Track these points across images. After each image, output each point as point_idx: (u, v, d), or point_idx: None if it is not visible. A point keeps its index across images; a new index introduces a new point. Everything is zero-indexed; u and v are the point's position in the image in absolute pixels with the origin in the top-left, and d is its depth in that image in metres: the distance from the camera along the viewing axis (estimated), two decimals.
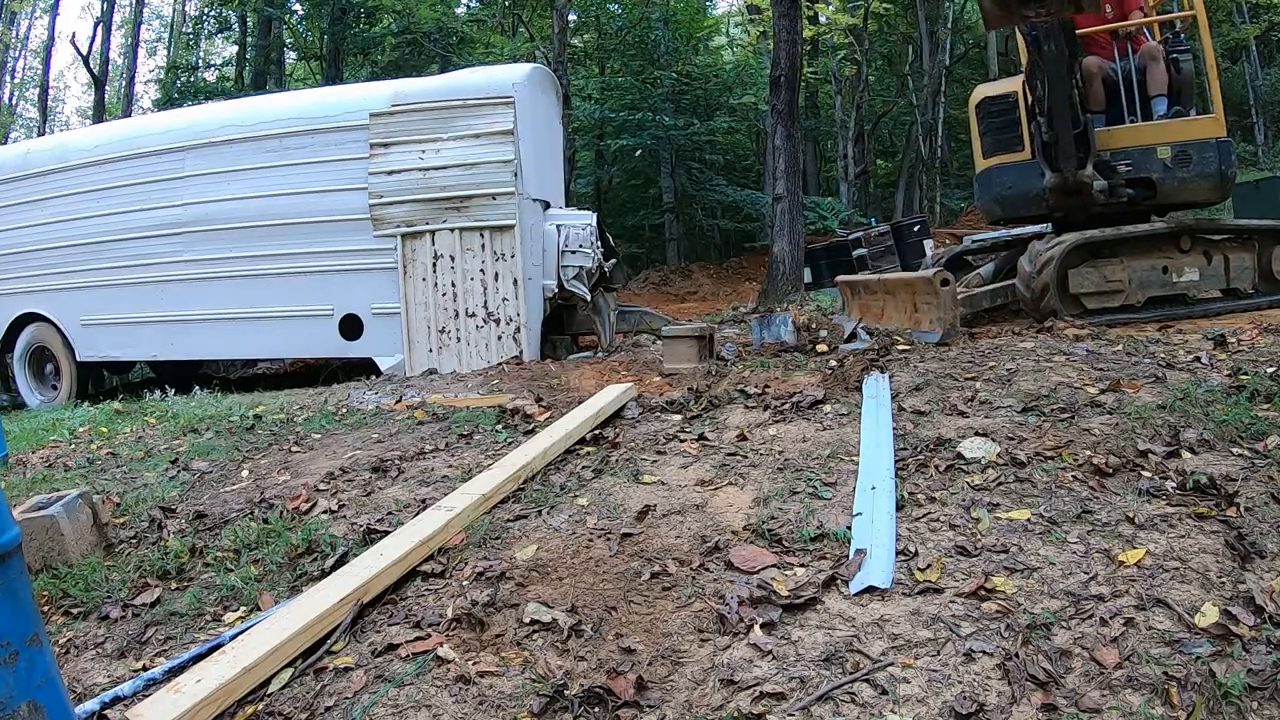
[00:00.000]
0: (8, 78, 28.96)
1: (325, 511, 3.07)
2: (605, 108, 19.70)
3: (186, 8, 27.33)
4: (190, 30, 26.34)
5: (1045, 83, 5.31)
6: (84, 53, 21.58)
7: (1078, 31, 5.79)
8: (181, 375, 7.96)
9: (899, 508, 2.50)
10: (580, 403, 4.00)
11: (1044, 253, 5.42)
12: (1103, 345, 4.08)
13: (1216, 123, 5.57)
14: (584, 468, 3.18)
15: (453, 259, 6.68)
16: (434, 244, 6.69)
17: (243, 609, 2.43)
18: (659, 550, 2.42)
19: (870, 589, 2.08)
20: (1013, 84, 6.16)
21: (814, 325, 6.25)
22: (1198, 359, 3.63)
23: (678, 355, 5.49)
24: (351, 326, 6.93)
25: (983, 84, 5.97)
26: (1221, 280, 5.60)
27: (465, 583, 2.34)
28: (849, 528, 2.40)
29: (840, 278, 7.64)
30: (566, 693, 1.80)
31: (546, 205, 7.27)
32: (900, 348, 4.61)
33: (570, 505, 2.81)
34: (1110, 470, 2.55)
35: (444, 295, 6.71)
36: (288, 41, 20.79)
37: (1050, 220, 6.37)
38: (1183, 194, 5.64)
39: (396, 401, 5.03)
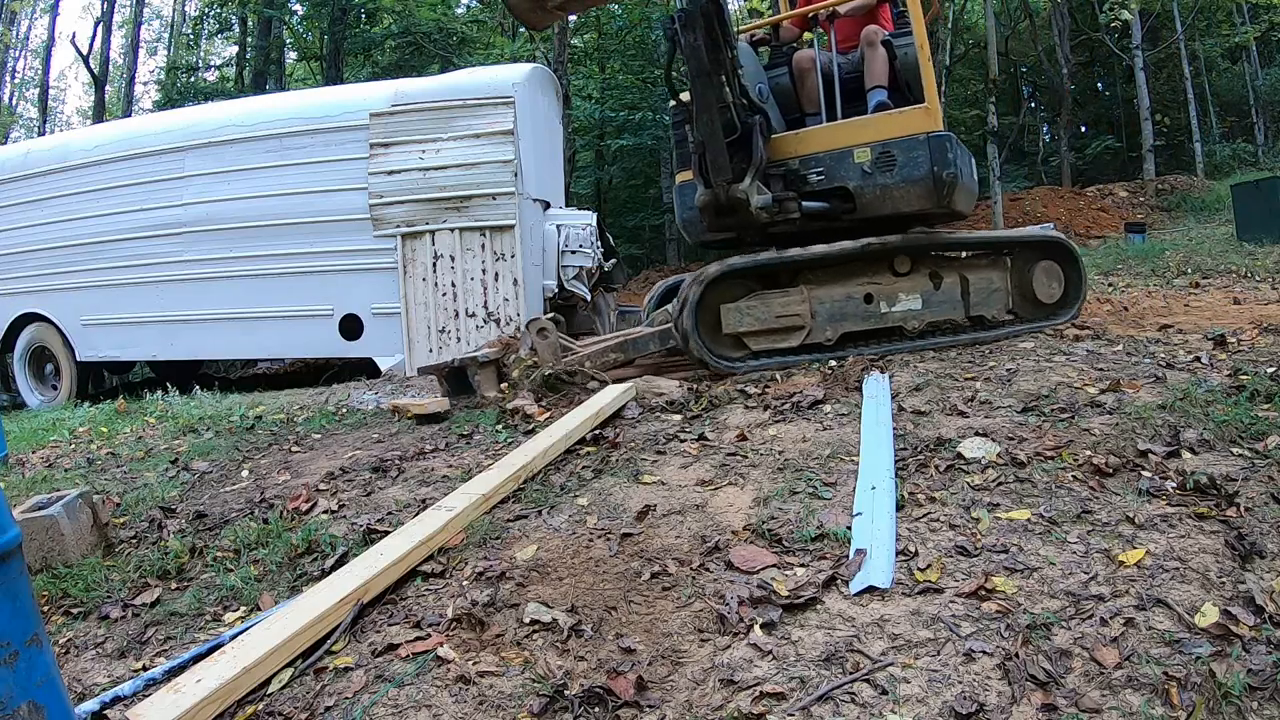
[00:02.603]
0: (8, 78, 28.96)
1: (325, 511, 3.07)
2: (605, 108, 19.71)
3: (186, 8, 27.37)
4: (190, 30, 26.37)
5: (691, 81, 4.33)
6: (84, 53, 21.59)
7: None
8: (181, 375, 7.97)
9: (899, 508, 2.50)
10: (580, 403, 4.00)
11: (690, 281, 4.51)
12: (1103, 345, 4.09)
13: (928, 114, 4.40)
14: (584, 468, 3.18)
15: (453, 259, 6.68)
16: (434, 244, 6.70)
17: (243, 609, 2.43)
18: (659, 550, 2.42)
19: (870, 589, 2.08)
20: None
21: None
22: (1198, 359, 3.63)
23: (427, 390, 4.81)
24: (351, 326, 6.94)
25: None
26: (957, 307, 4.57)
27: (465, 583, 2.34)
28: (849, 528, 2.40)
29: None
30: (566, 693, 1.80)
31: (546, 205, 7.27)
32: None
33: (570, 505, 2.81)
34: (1110, 470, 2.55)
35: (444, 295, 6.71)
36: (288, 42, 20.80)
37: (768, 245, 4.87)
38: (887, 204, 4.45)
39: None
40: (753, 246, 4.79)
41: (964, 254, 4.83)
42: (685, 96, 4.55)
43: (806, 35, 5.30)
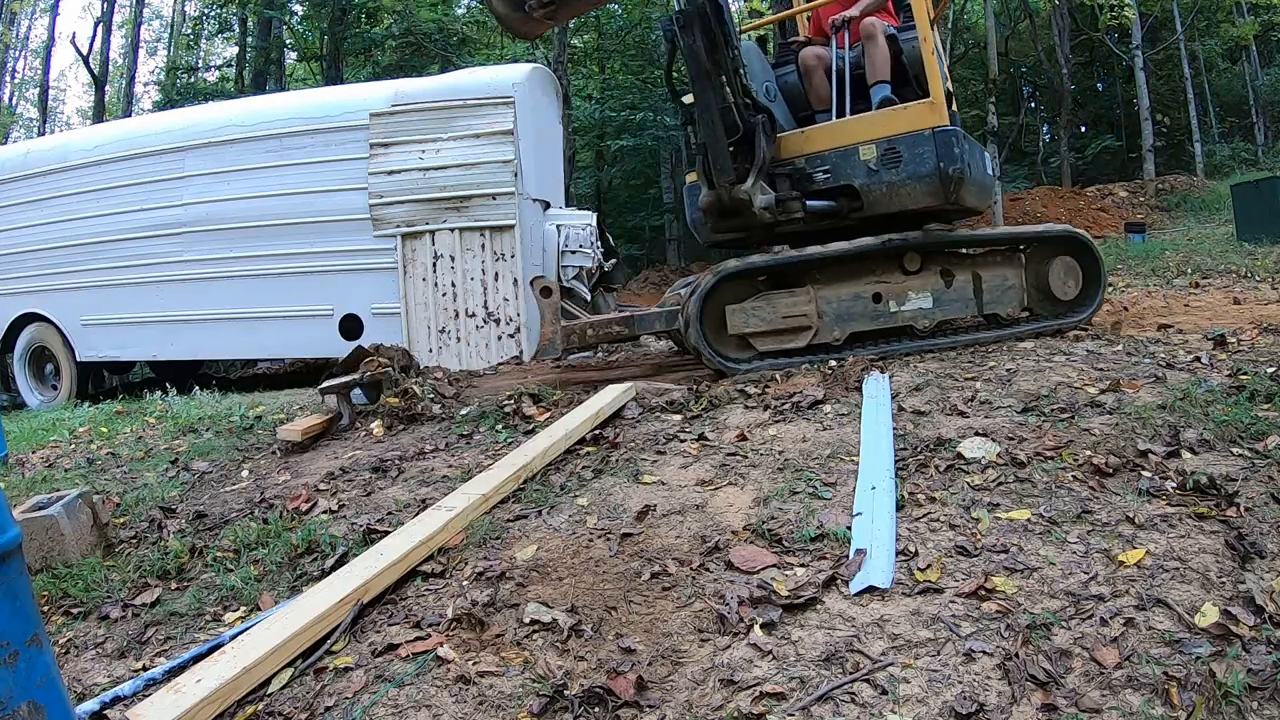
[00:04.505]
0: (8, 78, 28.98)
1: (325, 511, 3.07)
2: (605, 108, 19.72)
3: (186, 8, 27.36)
4: (190, 31, 26.37)
5: (690, 83, 4.33)
6: (84, 53, 21.59)
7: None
8: (181, 375, 7.97)
9: (899, 508, 2.50)
10: (580, 403, 4.00)
11: (692, 288, 4.43)
12: (1103, 345, 4.08)
13: (933, 109, 4.30)
14: (584, 468, 3.18)
15: (453, 259, 6.68)
16: (434, 244, 6.70)
17: (243, 609, 2.43)
18: (659, 550, 2.42)
19: (870, 589, 2.08)
20: None
21: None
22: (1198, 359, 3.63)
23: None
24: (351, 326, 6.94)
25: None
26: (970, 305, 4.48)
27: (465, 583, 2.34)
28: (849, 528, 2.40)
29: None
30: (566, 693, 1.80)
31: (546, 205, 7.27)
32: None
33: (570, 505, 2.81)
34: (1110, 470, 2.55)
35: (444, 295, 6.71)
36: (288, 42, 20.79)
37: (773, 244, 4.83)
38: (894, 201, 4.39)
39: None
40: (761, 247, 4.74)
41: (977, 250, 4.73)
42: (688, 99, 4.54)
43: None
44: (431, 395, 4.43)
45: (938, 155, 4.25)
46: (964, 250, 4.69)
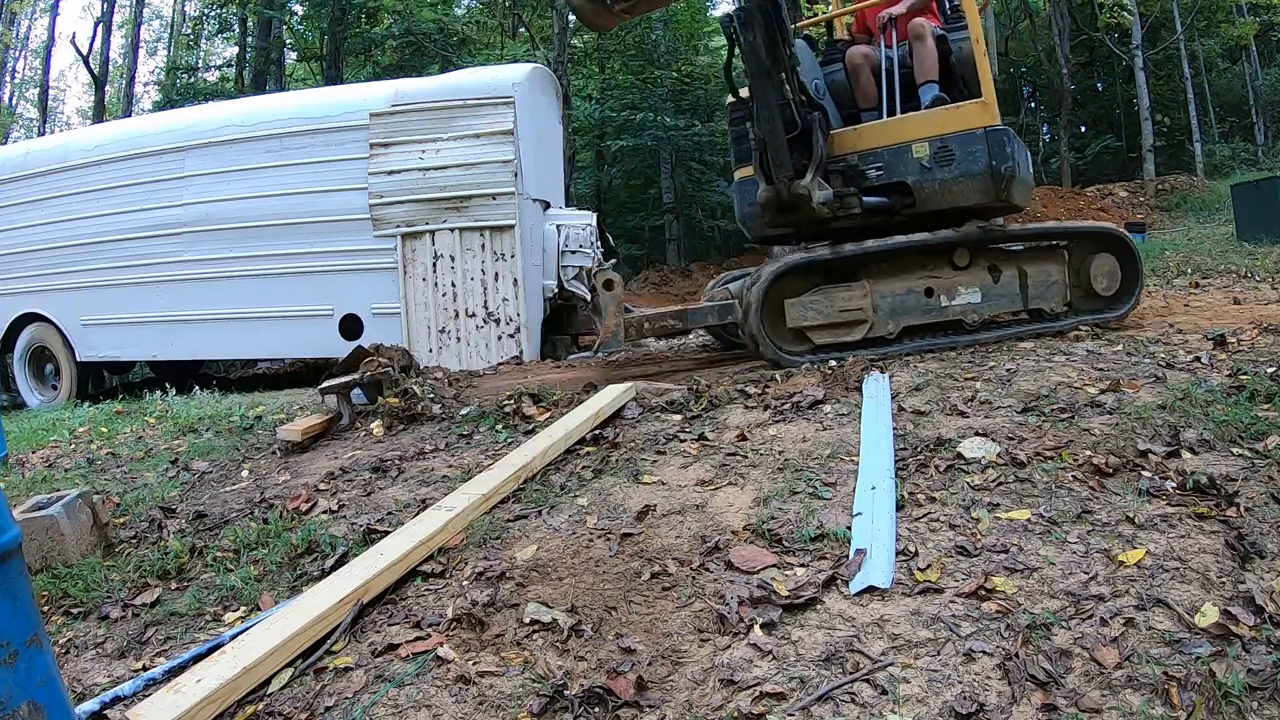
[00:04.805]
0: (8, 78, 28.98)
1: (325, 511, 3.07)
2: (605, 108, 19.72)
3: (186, 8, 27.35)
4: (190, 31, 26.36)
5: (750, 79, 4.45)
6: (84, 53, 21.60)
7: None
8: (181, 375, 7.96)
9: (899, 508, 2.50)
10: (580, 403, 4.00)
11: (751, 283, 4.51)
12: (1103, 345, 4.08)
13: (984, 109, 4.43)
14: (584, 468, 3.18)
15: (453, 259, 6.68)
16: (434, 244, 6.69)
17: (243, 609, 2.43)
18: (659, 550, 2.42)
19: (870, 589, 2.08)
20: None
21: None
22: (1198, 359, 3.63)
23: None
24: (351, 326, 6.93)
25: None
26: (1016, 300, 4.60)
27: (465, 583, 2.34)
28: (849, 528, 2.40)
29: None
30: (566, 693, 1.80)
31: (546, 205, 7.27)
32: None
33: (570, 505, 2.81)
34: (1110, 470, 2.55)
35: (444, 295, 6.71)
36: (288, 42, 20.79)
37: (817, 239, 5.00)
38: (946, 198, 4.51)
39: None
40: (810, 241, 4.87)
41: (1021, 247, 4.83)
42: (745, 93, 4.66)
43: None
44: (431, 395, 4.43)
45: (990, 154, 4.38)
46: (1009, 247, 4.80)
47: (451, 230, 6.66)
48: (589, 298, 7.14)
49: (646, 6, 4.93)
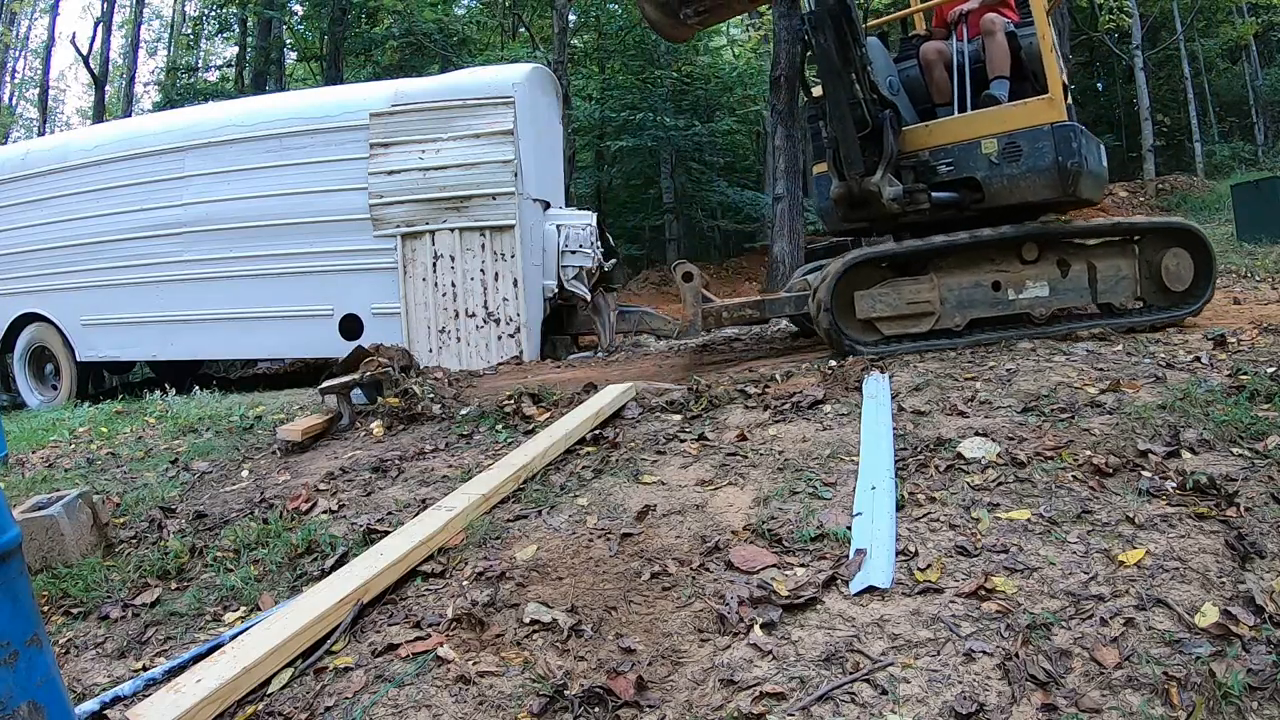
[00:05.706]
0: (8, 78, 28.97)
1: (325, 511, 3.07)
2: (605, 108, 19.70)
3: (186, 8, 27.34)
4: (190, 31, 26.35)
5: (822, 80, 4.61)
6: (84, 53, 21.59)
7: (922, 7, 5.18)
8: (181, 375, 7.96)
9: (899, 508, 2.50)
10: (580, 403, 4.00)
11: (822, 277, 4.63)
12: (1103, 345, 4.09)
13: (1051, 105, 4.49)
14: (584, 468, 3.18)
15: (453, 259, 6.68)
16: (434, 244, 6.69)
17: (243, 609, 2.43)
18: (659, 550, 2.42)
19: (870, 589, 2.08)
20: None
21: None
22: (1198, 359, 3.63)
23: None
24: (351, 326, 6.93)
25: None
26: (1085, 294, 4.61)
27: (465, 583, 2.34)
28: (849, 528, 2.40)
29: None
30: (566, 693, 1.80)
31: (546, 205, 7.27)
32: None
33: (570, 505, 2.81)
34: (1110, 470, 2.55)
35: (444, 295, 6.71)
36: (288, 42, 20.78)
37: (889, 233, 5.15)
38: (1014, 194, 4.59)
39: None
40: (882, 235, 5.00)
41: (1091, 241, 4.81)
42: (818, 91, 4.85)
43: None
44: (431, 395, 4.43)
45: (1056, 150, 4.43)
46: (1078, 241, 4.79)
47: (451, 230, 6.66)
48: (589, 298, 7.14)
49: (720, 16, 5.04)
